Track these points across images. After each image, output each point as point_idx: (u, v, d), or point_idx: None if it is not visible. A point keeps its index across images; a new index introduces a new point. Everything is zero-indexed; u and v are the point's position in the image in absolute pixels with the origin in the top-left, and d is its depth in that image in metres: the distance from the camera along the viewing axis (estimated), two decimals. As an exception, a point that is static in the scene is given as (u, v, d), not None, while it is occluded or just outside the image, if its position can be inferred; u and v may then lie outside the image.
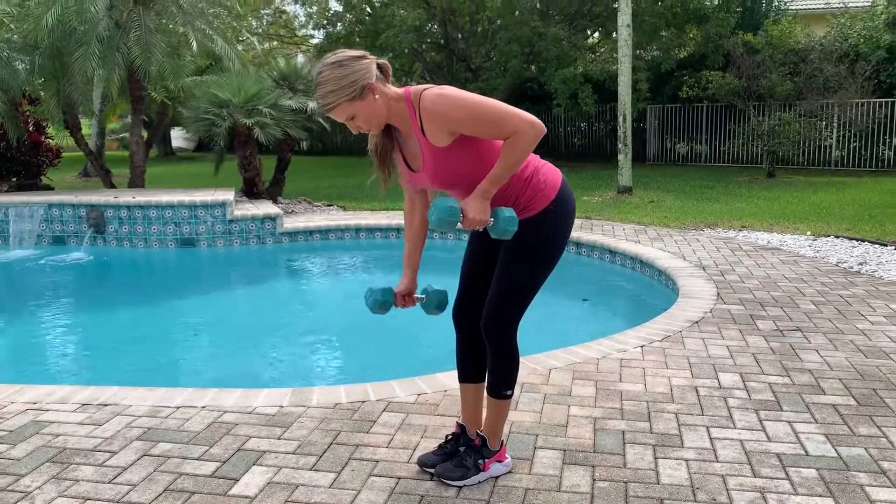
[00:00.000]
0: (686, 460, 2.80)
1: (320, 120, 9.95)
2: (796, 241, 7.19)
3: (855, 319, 4.55)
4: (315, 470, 2.75)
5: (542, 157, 2.57)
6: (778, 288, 5.34)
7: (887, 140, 15.55)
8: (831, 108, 15.00)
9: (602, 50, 18.11)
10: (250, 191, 9.77)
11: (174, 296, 6.59)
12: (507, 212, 2.35)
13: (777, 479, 2.64)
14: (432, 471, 2.69)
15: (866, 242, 6.95)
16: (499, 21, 15.97)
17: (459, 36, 17.58)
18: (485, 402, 2.73)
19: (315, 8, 17.00)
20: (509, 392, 2.65)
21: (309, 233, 8.33)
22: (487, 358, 2.64)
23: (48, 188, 11.12)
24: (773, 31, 15.20)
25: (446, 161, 2.37)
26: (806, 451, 2.85)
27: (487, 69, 15.51)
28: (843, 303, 4.92)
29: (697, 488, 2.59)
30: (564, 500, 2.52)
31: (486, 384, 2.67)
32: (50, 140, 12.08)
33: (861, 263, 6.07)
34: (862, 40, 15.65)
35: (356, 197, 11.29)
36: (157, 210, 7.90)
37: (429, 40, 17.63)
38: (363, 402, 3.36)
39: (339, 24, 16.42)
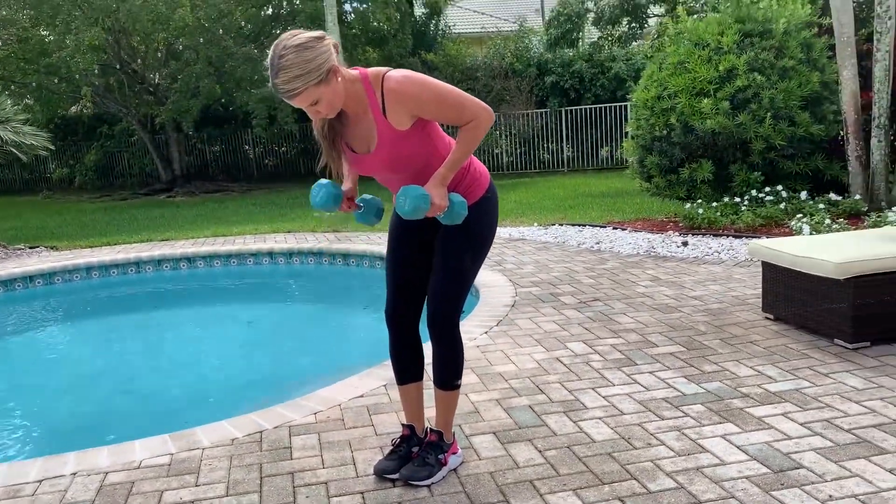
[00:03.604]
0: (600, 419, 3.07)
1: (13, 150, 8.61)
2: (532, 231, 8.03)
3: (631, 286, 5.28)
4: (266, 506, 2.50)
5: (232, 181, 2.67)
6: (552, 270, 5.95)
7: (545, 145, 17.94)
8: (500, 119, 16.84)
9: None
10: (-75, 240, 8.10)
11: None
12: (458, 197, 2.42)
13: (679, 417, 3.04)
14: (394, 476, 2.62)
15: (587, 226, 8.01)
16: (180, 41, 15.19)
17: (127, 59, 16.38)
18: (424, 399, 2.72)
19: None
20: (459, 382, 2.67)
21: (28, 279, 7.19)
22: (433, 353, 2.64)
23: None
24: (450, 50, 16.63)
25: (403, 145, 2.35)
26: (682, 393, 3.30)
27: (175, 90, 14.66)
28: (612, 274, 5.67)
29: (628, 438, 2.86)
30: (532, 474, 2.63)
31: (433, 379, 2.66)
32: None
33: (597, 243, 7.00)
34: (515, 59, 17.85)
35: (57, 235, 9.96)
36: None
37: (99, 63, 16.13)
38: (260, 431, 3.10)
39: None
